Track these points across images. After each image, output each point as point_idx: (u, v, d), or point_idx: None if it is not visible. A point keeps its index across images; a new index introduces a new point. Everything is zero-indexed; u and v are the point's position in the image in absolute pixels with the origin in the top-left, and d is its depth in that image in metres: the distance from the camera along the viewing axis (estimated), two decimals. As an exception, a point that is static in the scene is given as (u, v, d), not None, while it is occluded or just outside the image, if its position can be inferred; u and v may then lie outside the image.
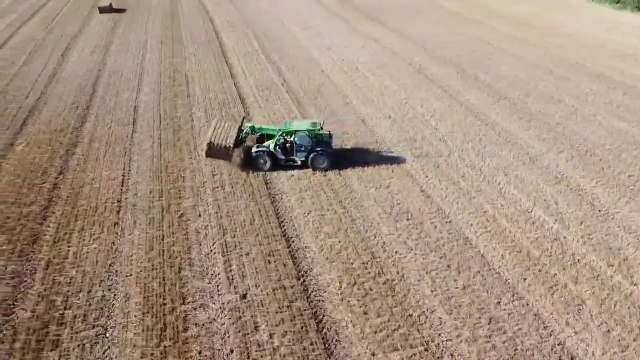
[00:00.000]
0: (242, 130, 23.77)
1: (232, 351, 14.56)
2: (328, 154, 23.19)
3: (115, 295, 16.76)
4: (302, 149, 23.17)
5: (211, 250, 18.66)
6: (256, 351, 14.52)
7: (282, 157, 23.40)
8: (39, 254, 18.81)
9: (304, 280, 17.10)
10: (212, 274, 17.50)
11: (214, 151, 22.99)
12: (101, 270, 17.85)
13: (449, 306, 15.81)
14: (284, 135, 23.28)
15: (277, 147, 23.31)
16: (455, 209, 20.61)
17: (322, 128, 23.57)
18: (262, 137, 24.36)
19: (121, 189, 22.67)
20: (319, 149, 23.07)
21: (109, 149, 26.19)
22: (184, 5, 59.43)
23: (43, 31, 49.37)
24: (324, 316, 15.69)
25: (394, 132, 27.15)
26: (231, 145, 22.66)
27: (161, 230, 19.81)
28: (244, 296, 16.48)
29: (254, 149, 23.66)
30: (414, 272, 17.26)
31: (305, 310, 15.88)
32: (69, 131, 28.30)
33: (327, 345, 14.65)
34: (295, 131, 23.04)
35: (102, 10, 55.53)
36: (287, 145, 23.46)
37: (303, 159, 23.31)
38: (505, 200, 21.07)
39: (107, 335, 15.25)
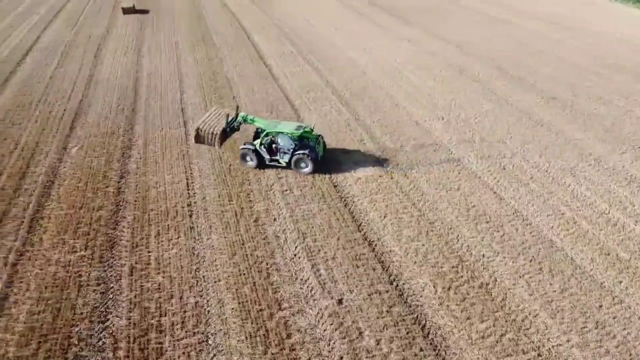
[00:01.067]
0: (235, 119, 24.17)
1: (341, 358, 14.42)
2: (311, 159, 22.90)
3: (208, 301, 16.58)
4: (285, 150, 23.28)
5: (295, 255, 18.49)
6: (366, 358, 14.38)
7: (267, 156, 23.67)
8: (119, 259, 18.61)
9: (397, 285, 16.95)
10: (302, 279, 17.34)
11: (202, 137, 23.67)
12: (188, 275, 17.66)
13: (551, 310, 15.69)
14: (271, 135, 23.26)
15: (263, 146, 23.51)
16: (532, 211, 20.49)
17: (310, 131, 23.20)
18: (260, 134, 24.29)
19: (188, 193, 22.46)
20: (301, 152, 22.92)
21: (165, 152, 25.96)
22: (207, 6, 59.14)
23: (70, 32, 49.00)
24: (426, 321, 15.55)
25: (450, 133, 27.02)
26: (218, 133, 23.18)
27: (239, 235, 19.62)
28: (340, 301, 16.33)
29: (241, 146, 24.20)
30: (506, 275, 17.14)
31: (406, 315, 15.74)
32: (120, 134, 28.04)
33: (437, 352, 14.52)
34: (278, 132, 23.03)
35: (126, 11, 55.20)
36: (273, 145, 23.55)
37: (287, 160, 23.41)
38: (580, 202, 20.97)
39: (210, 342, 15.07)
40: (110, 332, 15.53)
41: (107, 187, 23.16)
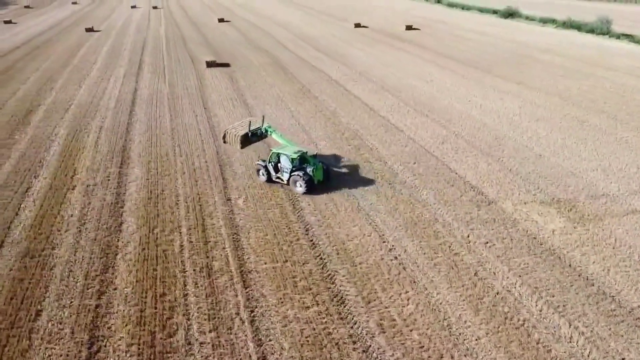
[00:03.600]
0: (260, 128, 28.34)
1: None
2: (304, 181, 26.04)
3: (482, 360, 16.02)
4: (285, 169, 27.01)
5: (541, 311, 18.02)
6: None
7: (273, 172, 27.51)
8: (358, 315, 18.14)
9: (672, 343, 16.44)
10: (566, 337, 16.81)
11: (228, 139, 28.56)
12: (443, 333, 17.16)
13: None
14: (278, 154, 26.98)
15: (270, 164, 27.45)
16: None
17: (310, 156, 27.13)
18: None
19: (385, 245, 22.22)
20: (296, 173, 26.22)
21: (338, 203, 25.86)
22: (284, 58, 60.74)
23: (164, 84, 50.18)
24: None
25: (615, 183, 27.03)
26: (240, 136, 27.55)
27: (468, 289, 19.22)
28: (623, 361, 15.78)
29: (255, 162, 28.97)
30: None
31: None
32: (279, 186, 28.05)
33: None
34: (280, 153, 26.81)
35: (209, 64, 56.81)
36: (278, 164, 27.33)
37: (287, 178, 26.94)
38: None
39: (514, 406, 14.42)
40: (401, 394, 14.91)
41: (298, 239, 22.92)
